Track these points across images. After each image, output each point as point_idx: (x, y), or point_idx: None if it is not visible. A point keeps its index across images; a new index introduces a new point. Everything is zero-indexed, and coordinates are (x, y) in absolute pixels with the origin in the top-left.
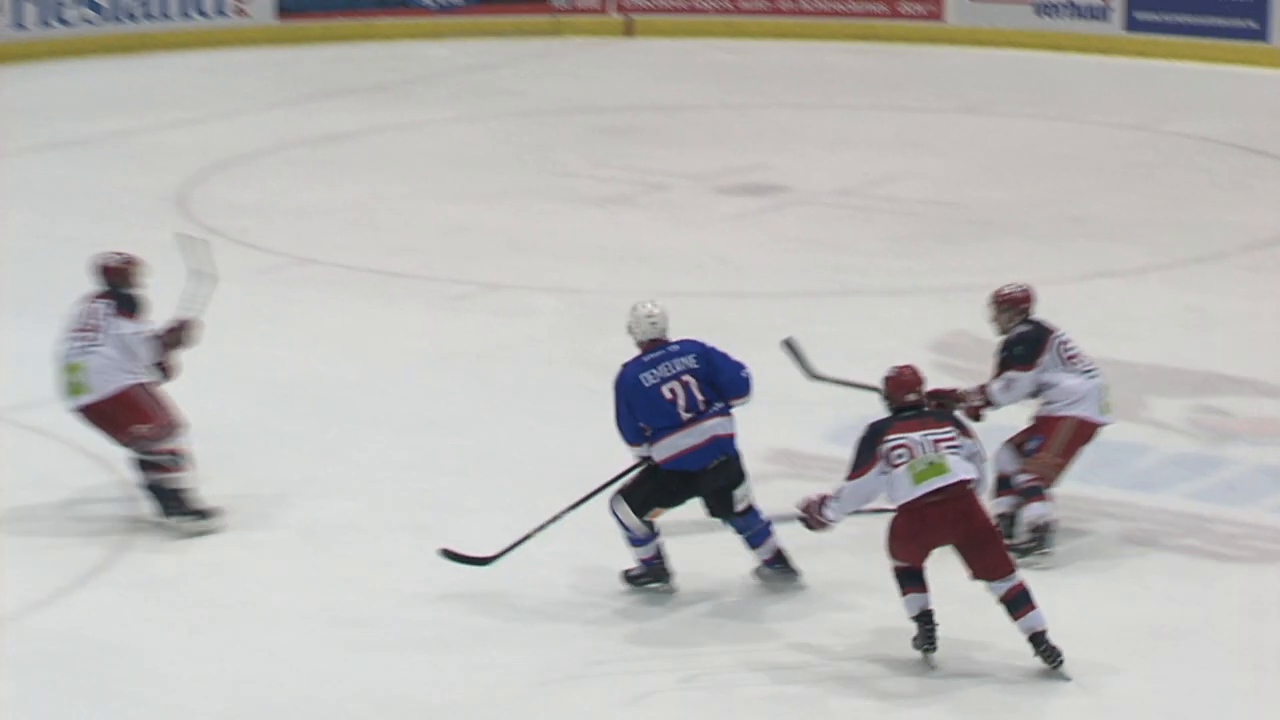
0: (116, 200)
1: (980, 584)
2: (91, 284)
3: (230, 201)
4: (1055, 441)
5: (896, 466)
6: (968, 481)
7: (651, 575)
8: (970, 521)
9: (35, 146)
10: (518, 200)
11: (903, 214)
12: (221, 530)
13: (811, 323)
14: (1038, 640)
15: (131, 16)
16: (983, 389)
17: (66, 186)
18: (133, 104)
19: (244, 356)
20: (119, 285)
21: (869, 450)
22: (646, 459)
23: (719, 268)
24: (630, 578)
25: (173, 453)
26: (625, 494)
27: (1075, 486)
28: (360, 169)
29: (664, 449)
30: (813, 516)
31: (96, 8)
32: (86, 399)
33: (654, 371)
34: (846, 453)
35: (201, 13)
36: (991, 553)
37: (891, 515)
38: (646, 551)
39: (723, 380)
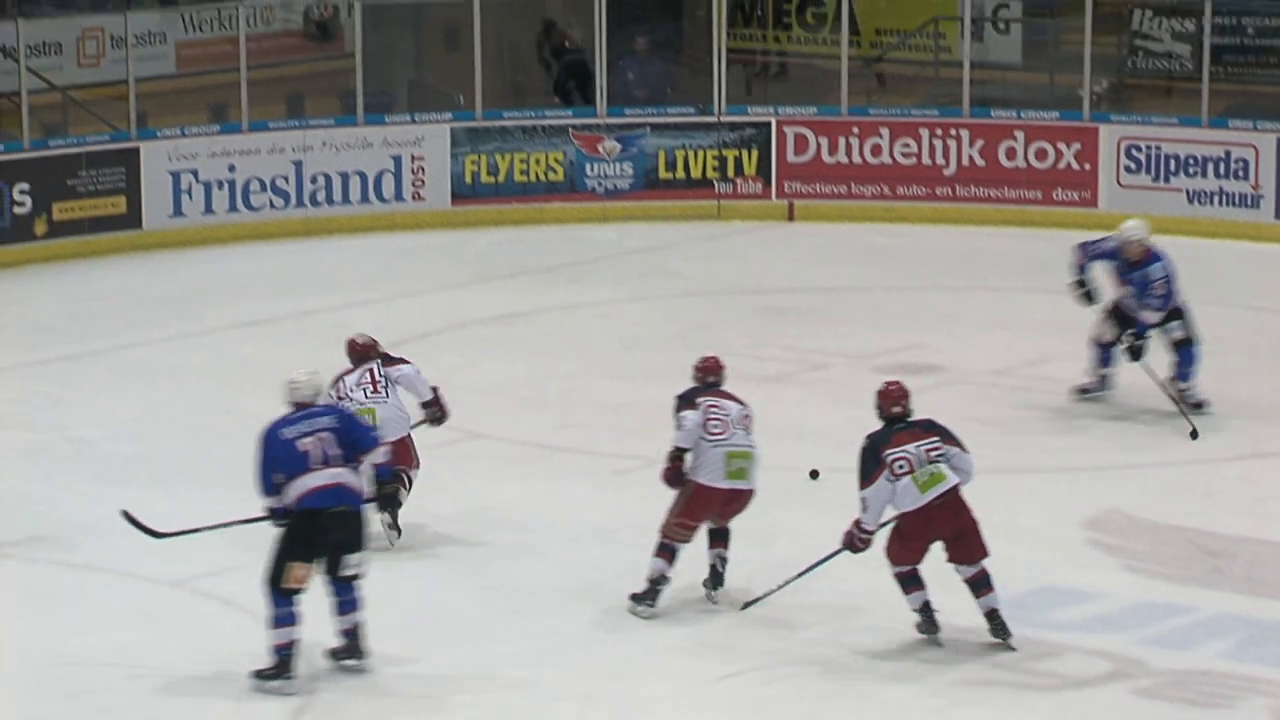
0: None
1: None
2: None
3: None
4: (676, 503)
5: (900, 477)
6: (958, 485)
7: (276, 670)
8: (960, 518)
9: (223, 326)
10: (681, 378)
11: (1058, 394)
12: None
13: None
14: (993, 616)
15: (315, 202)
16: None
17: (251, 364)
18: (314, 285)
19: (413, 527)
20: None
21: (874, 461)
22: (277, 511)
23: None
24: (258, 672)
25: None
26: (268, 578)
27: (1229, 664)
28: (530, 347)
29: (294, 490)
30: (854, 537)
31: (282, 194)
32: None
33: (295, 428)
34: None
35: (381, 198)
36: (973, 542)
37: (895, 522)
38: (280, 637)
39: (356, 438)
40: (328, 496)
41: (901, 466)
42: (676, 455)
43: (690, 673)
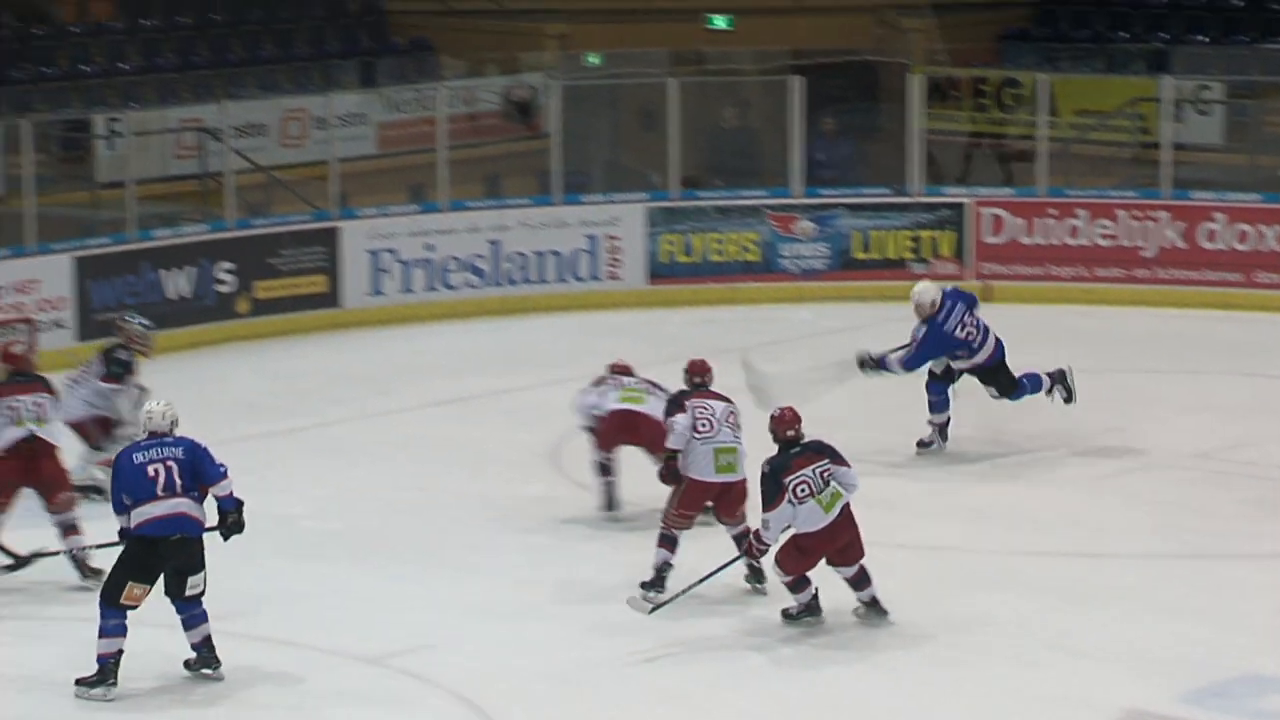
0: (494, 454)
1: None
2: None
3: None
4: (673, 497)
5: (803, 501)
6: (849, 501)
7: (100, 678)
8: (851, 529)
9: (419, 404)
10: (877, 458)
11: (1260, 478)
12: None
13: (1167, 584)
14: (874, 603)
15: (511, 281)
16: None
17: (447, 441)
18: (510, 363)
19: (603, 606)
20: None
21: (775, 486)
22: (122, 532)
23: (1072, 528)
24: (80, 680)
25: None
26: (103, 591)
27: None
28: None
29: (137, 516)
30: (753, 548)
31: (479, 273)
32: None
33: (146, 453)
34: None
35: (577, 277)
36: (855, 547)
37: (793, 535)
38: (107, 646)
39: (202, 469)
40: (167, 525)
41: (803, 490)
42: (670, 456)
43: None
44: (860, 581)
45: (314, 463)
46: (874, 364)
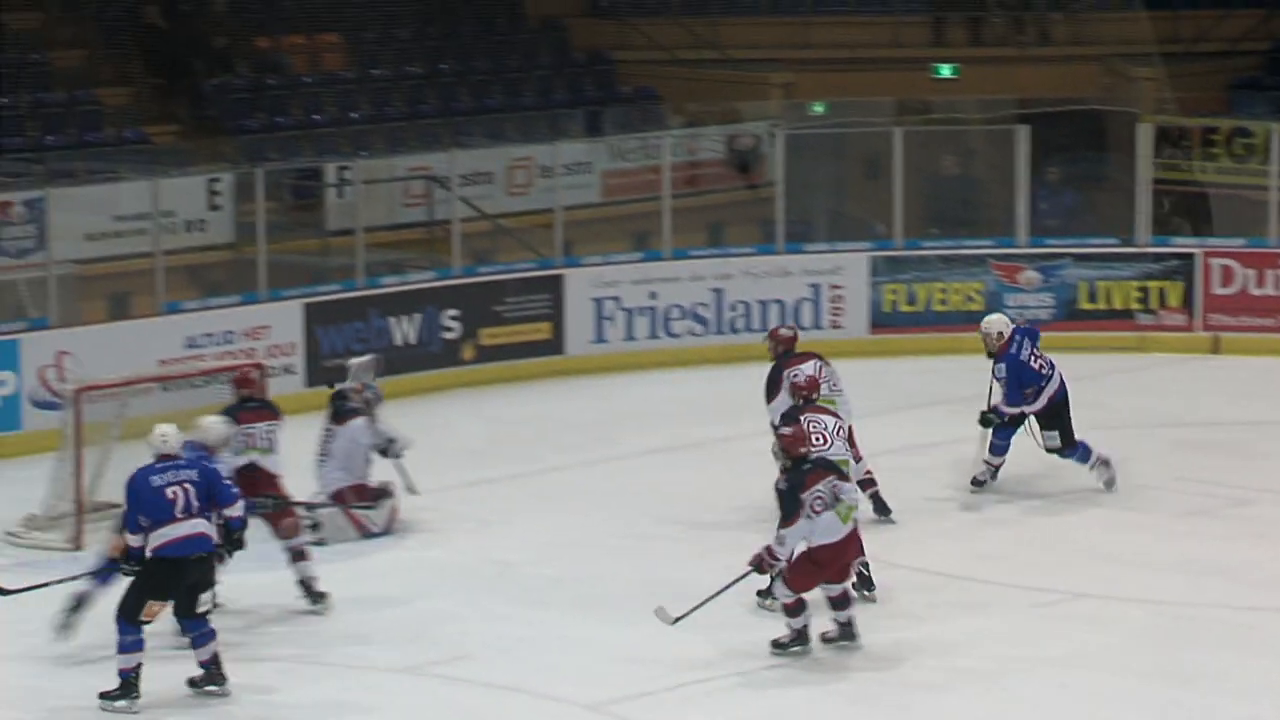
0: (714, 502)
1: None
2: None
3: None
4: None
5: (819, 514)
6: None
7: (123, 691)
8: (856, 547)
9: (640, 451)
10: (1100, 511)
11: None
12: None
13: None
14: (848, 624)
15: (734, 329)
16: None
17: (668, 489)
18: (731, 412)
19: (829, 655)
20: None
21: (794, 503)
22: (140, 550)
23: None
24: (104, 694)
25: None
26: (121, 608)
27: None
28: (947, 476)
29: (158, 537)
30: (765, 561)
31: (702, 321)
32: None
33: (162, 476)
34: None
35: (799, 326)
36: (853, 564)
37: (809, 550)
38: (127, 661)
39: (216, 492)
40: (189, 545)
41: (819, 505)
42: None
43: None
44: (843, 601)
45: (535, 509)
46: (996, 416)
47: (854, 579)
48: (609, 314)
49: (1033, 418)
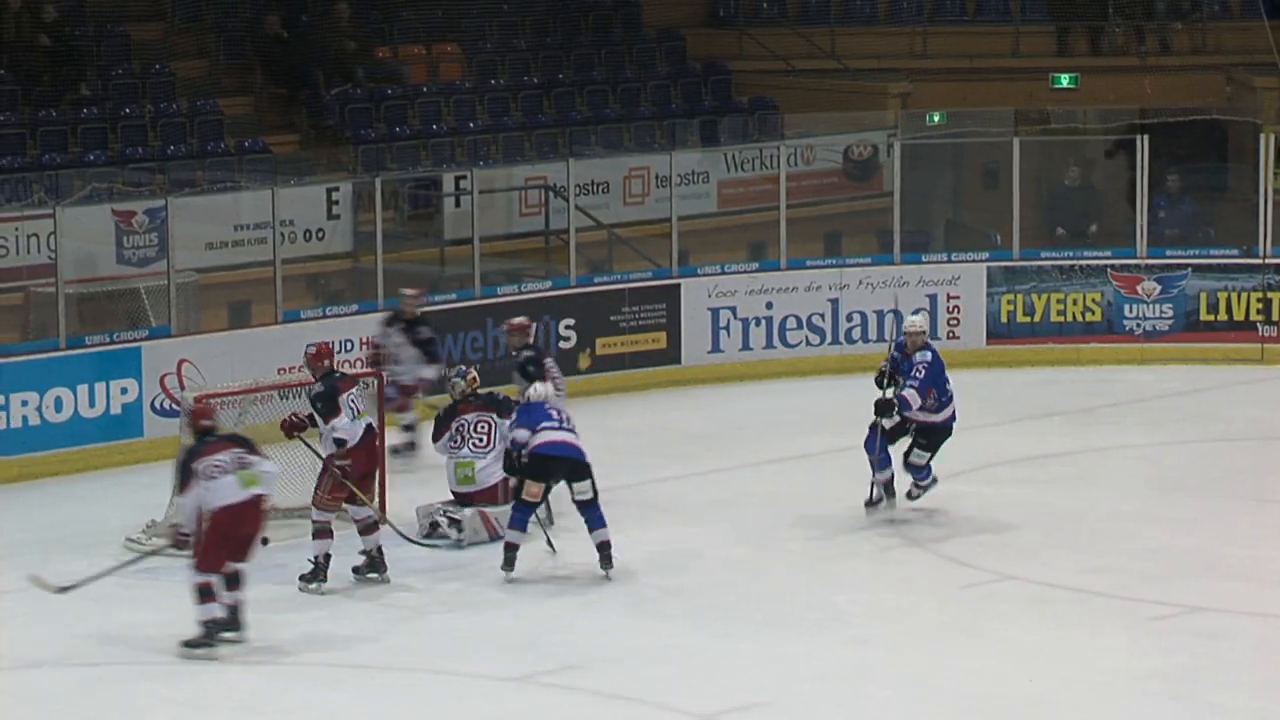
0: (829, 513)
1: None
2: None
3: (939, 515)
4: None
5: (215, 478)
6: (265, 493)
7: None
8: (260, 520)
9: (757, 461)
10: (1219, 524)
11: None
12: None
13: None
14: (238, 609)
15: (851, 340)
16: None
17: (784, 499)
18: (848, 422)
19: (938, 669)
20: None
21: (188, 472)
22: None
23: None
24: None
25: None
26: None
27: None
28: (1063, 489)
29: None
30: (176, 538)
31: (818, 331)
32: None
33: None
34: None
35: None
36: (253, 544)
37: (213, 521)
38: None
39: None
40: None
41: (214, 470)
42: None
43: None
44: (235, 580)
45: (652, 518)
46: (891, 406)
47: (245, 560)
48: (724, 324)
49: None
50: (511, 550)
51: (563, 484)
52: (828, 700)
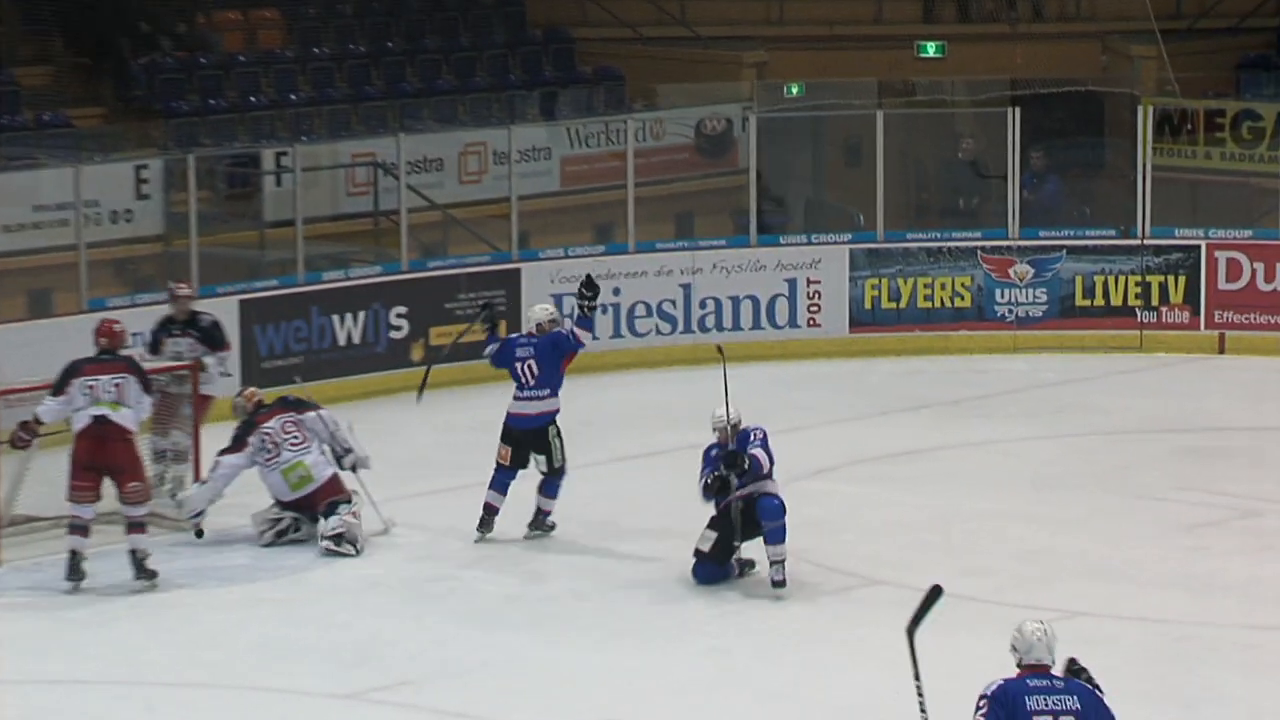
0: (682, 514)
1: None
2: None
3: (798, 516)
4: None
5: (86, 397)
6: (127, 424)
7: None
8: (125, 452)
9: (606, 459)
10: (1097, 523)
11: None
12: None
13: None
14: (134, 556)
15: (704, 327)
16: None
17: (634, 500)
18: (703, 417)
19: (802, 679)
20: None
21: (65, 378)
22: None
23: None
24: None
25: None
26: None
27: None
28: (931, 487)
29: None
30: (17, 436)
31: (669, 319)
32: None
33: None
34: None
35: (774, 324)
36: (135, 474)
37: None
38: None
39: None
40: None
41: (87, 392)
42: None
43: None
44: (135, 525)
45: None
46: (740, 460)
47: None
48: (568, 311)
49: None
50: (490, 513)
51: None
52: (687, 714)
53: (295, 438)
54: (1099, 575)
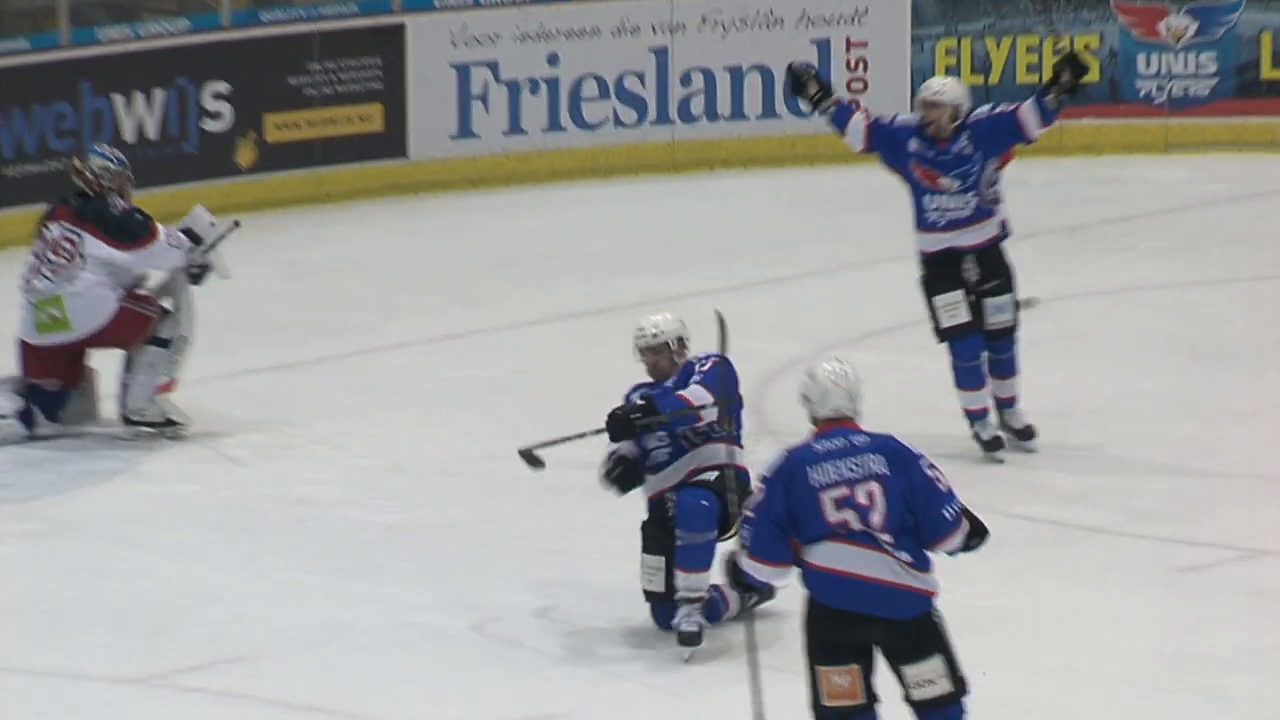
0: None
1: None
2: None
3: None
4: None
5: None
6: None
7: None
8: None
9: (530, 320)
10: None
11: None
12: None
13: None
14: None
15: (688, 115)
16: None
17: (570, 379)
18: (682, 253)
19: None
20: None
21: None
22: None
23: None
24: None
25: None
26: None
27: None
28: (1040, 357)
29: None
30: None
31: (634, 102)
32: None
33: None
34: None
35: (795, 110)
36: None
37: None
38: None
39: None
40: None
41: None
42: None
43: None
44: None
45: (363, 412)
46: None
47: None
48: (479, 91)
49: None
50: None
51: None
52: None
53: (65, 258)
54: None
